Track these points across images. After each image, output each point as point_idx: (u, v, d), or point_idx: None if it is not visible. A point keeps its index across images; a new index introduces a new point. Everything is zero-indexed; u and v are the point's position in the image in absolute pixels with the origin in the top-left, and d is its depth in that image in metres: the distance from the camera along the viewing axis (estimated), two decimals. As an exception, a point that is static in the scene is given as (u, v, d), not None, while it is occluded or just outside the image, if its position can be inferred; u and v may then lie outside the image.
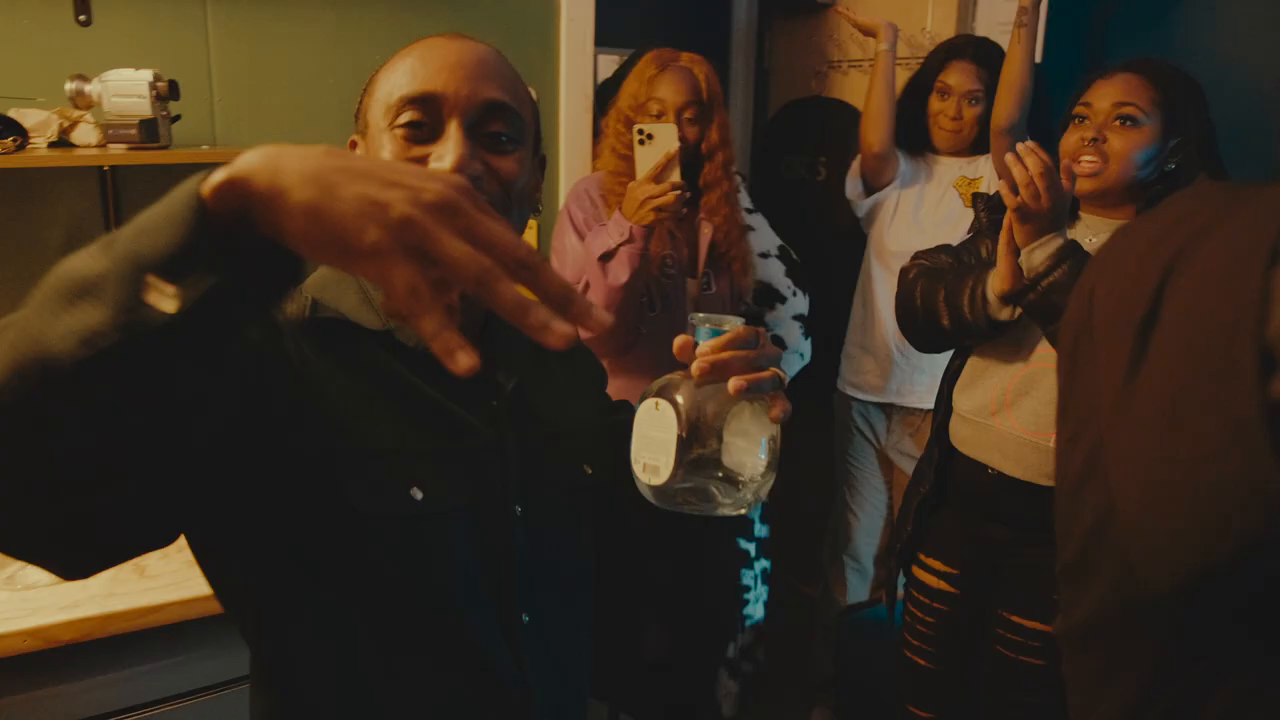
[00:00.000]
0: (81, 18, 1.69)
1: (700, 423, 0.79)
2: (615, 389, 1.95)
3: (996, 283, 1.54)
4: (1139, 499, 0.73)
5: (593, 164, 2.19)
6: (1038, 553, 1.61)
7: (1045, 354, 1.57)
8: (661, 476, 0.79)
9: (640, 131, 1.71)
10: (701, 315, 0.84)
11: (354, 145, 0.93)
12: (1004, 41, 2.40)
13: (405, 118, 0.84)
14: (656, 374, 2.10)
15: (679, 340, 0.82)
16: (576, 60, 2.13)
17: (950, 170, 2.37)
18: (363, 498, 0.82)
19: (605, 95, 2.23)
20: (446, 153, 0.83)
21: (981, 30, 2.56)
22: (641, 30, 3.14)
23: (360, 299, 0.89)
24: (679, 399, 0.80)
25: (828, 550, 2.68)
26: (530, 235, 2.18)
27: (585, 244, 1.80)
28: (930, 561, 1.77)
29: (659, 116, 1.84)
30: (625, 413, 1.13)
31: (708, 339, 0.81)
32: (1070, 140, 1.59)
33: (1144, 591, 0.74)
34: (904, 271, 1.77)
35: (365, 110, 0.91)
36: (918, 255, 1.79)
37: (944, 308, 1.63)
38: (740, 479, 0.79)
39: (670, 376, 0.83)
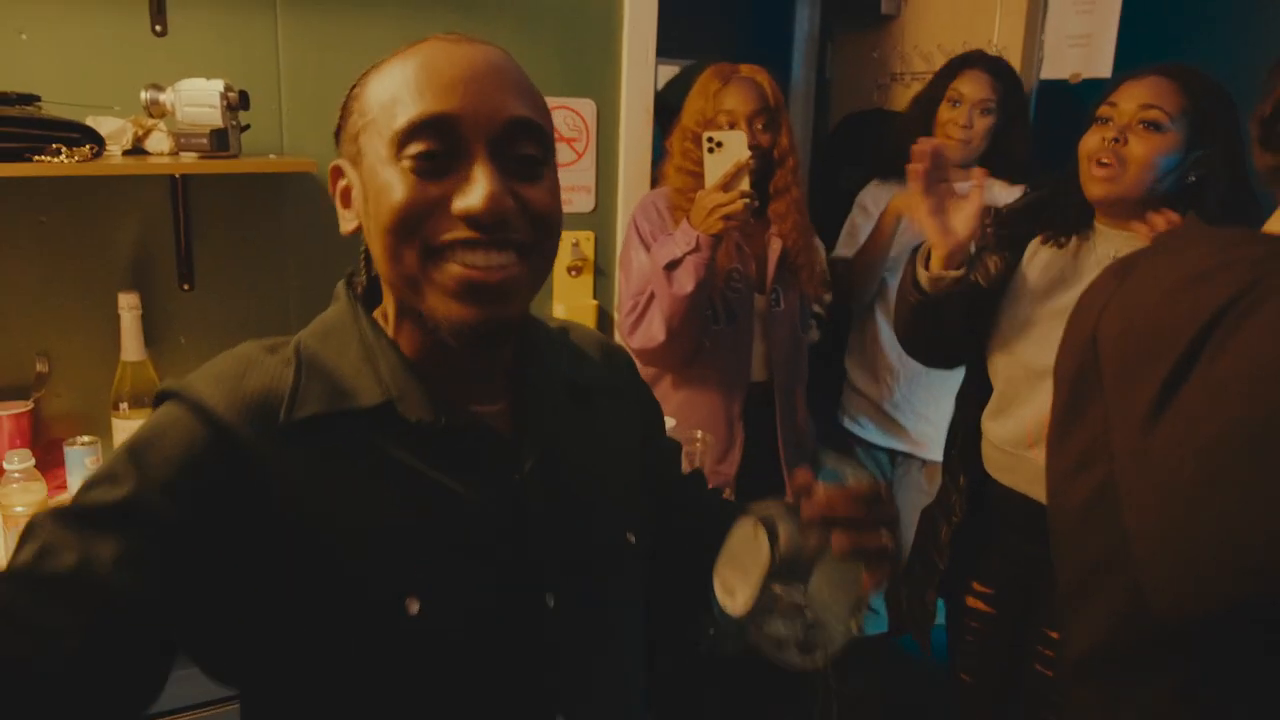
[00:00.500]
0: (157, 28, 1.73)
1: (792, 566, 0.74)
2: (677, 402, 1.97)
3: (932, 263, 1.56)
4: (1162, 540, 0.74)
5: (652, 179, 2.19)
6: None
7: None
8: (737, 606, 0.74)
9: (710, 139, 1.70)
10: (833, 457, 0.81)
11: (338, 174, 0.81)
12: (1079, 55, 2.38)
13: (416, 148, 0.72)
14: (720, 389, 2.09)
15: (802, 476, 0.77)
16: (638, 70, 2.13)
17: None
18: (347, 616, 0.72)
19: (659, 106, 2.23)
20: (474, 191, 0.71)
21: (1051, 44, 2.51)
22: (702, 40, 3.15)
23: (362, 356, 0.78)
24: (779, 533, 0.75)
25: None
26: (587, 245, 2.19)
27: (651, 254, 1.80)
28: (975, 585, 1.73)
29: (730, 127, 1.82)
30: (668, 442, 1.07)
31: (830, 480, 0.77)
32: (1090, 141, 1.53)
33: (1162, 623, 0.75)
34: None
35: (354, 132, 0.77)
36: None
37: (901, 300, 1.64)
38: (816, 635, 0.75)
39: (778, 505, 0.78)
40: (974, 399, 1.72)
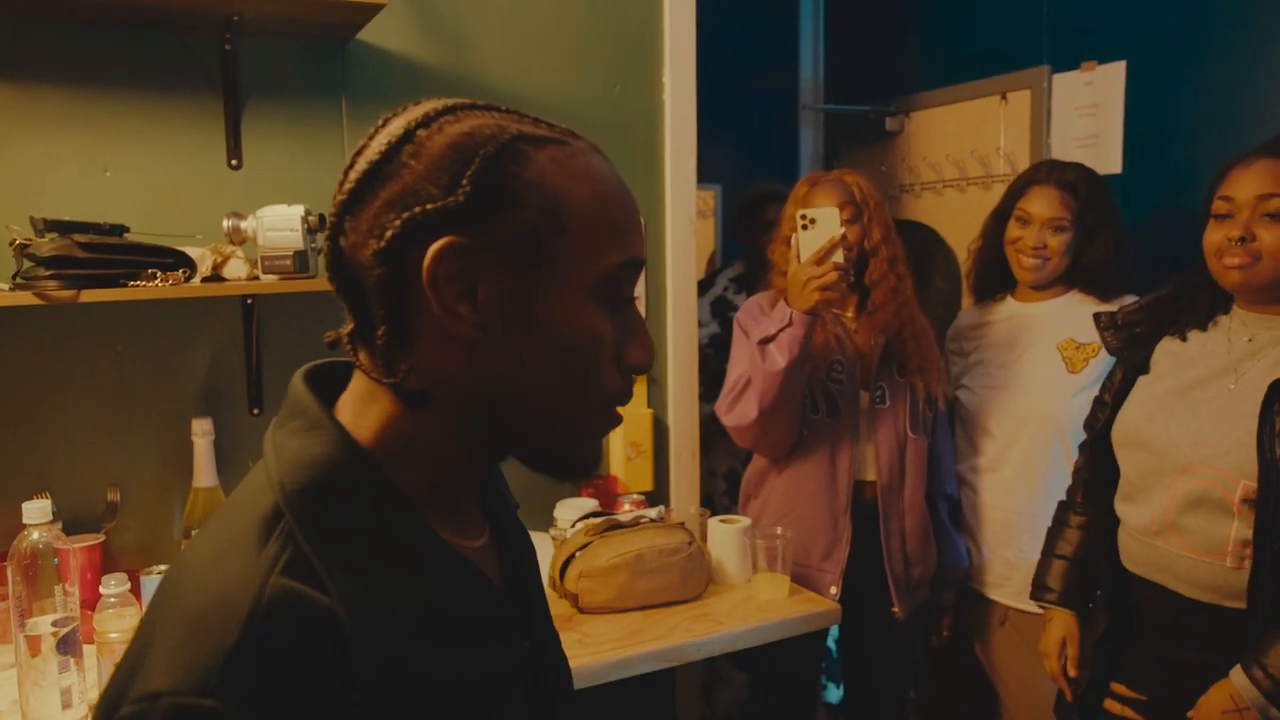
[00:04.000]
0: (233, 162, 1.80)
1: None
2: (774, 492, 1.98)
3: None
4: None
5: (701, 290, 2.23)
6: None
7: (1207, 471, 1.49)
8: None
9: (804, 216, 1.74)
10: None
11: (458, 257, 0.63)
12: (1087, 155, 2.46)
13: (622, 290, 0.67)
14: (822, 483, 2.13)
15: None
16: (680, 189, 2.22)
17: (1044, 319, 2.10)
18: None
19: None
20: (645, 342, 0.70)
21: (1057, 146, 2.65)
22: (727, 165, 3.29)
23: (384, 549, 0.64)
24: None
25: None
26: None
27: (749, 336, 1.82)
28: (1119, 689, 1.66)
29: None
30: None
31: None
32: (1215, 237, 1.53)
33: None
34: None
35: (533, 233, 0.64)
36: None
37: None
38: None
39: None
40: (1099, 486, 1.72)
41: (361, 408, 0.68)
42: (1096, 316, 1.78)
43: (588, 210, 0.65)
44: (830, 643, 2.31)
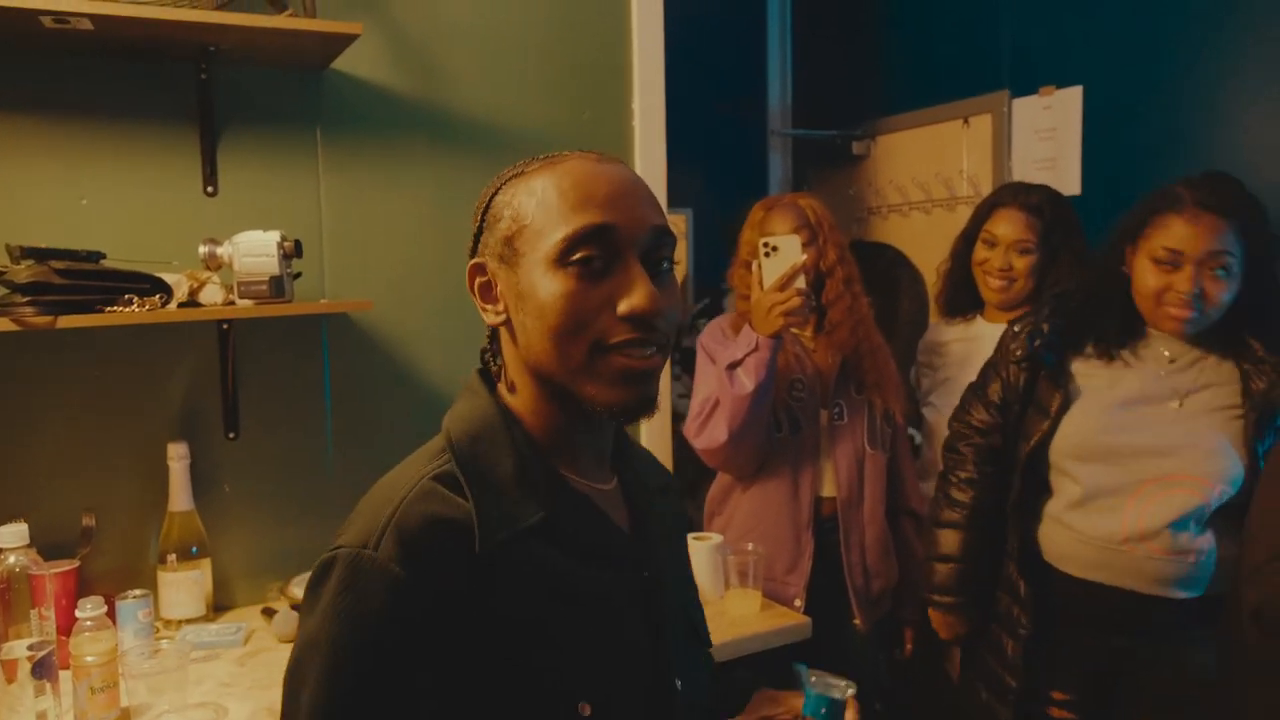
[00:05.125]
0: (209, 189, 1.82)
1: None
2: (738, 509, 2.02)
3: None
4: None
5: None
6: (1162, 661, 1.60)
7: (1186, 480, 1.59)
8: None
9: (766, 244, 1.80)
10: (815, 678, 0.99)
11: (478, 271, 0.88)
12: (1047, 178, 2.52)
13: (579, 255, 0.80)
14: (786, 499, 2.16)
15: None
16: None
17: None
18: None
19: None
20: (637, 293, 0.81)
21: (1018, 169, 2.72)
22: (695, 187, 3.34)
23: (517, 467, 0.85)
24: None
25: None
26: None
27: (716, 361, 1.86)
28: (1054, 694, 1.74)
29: None
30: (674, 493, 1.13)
31: (814, 707, 0.99)
32: (1156, 284, 1.61)
33: None
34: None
35: (504, 235, 0.85)
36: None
37: None
38: None
39: None
40: (1030, 509, 1.78)
41: (503, 390, 0.91)
42: (1010, 324, 1.85)
43: (546, 202, 0.82)
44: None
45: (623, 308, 0.81)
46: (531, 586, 0.81)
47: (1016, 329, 1.81)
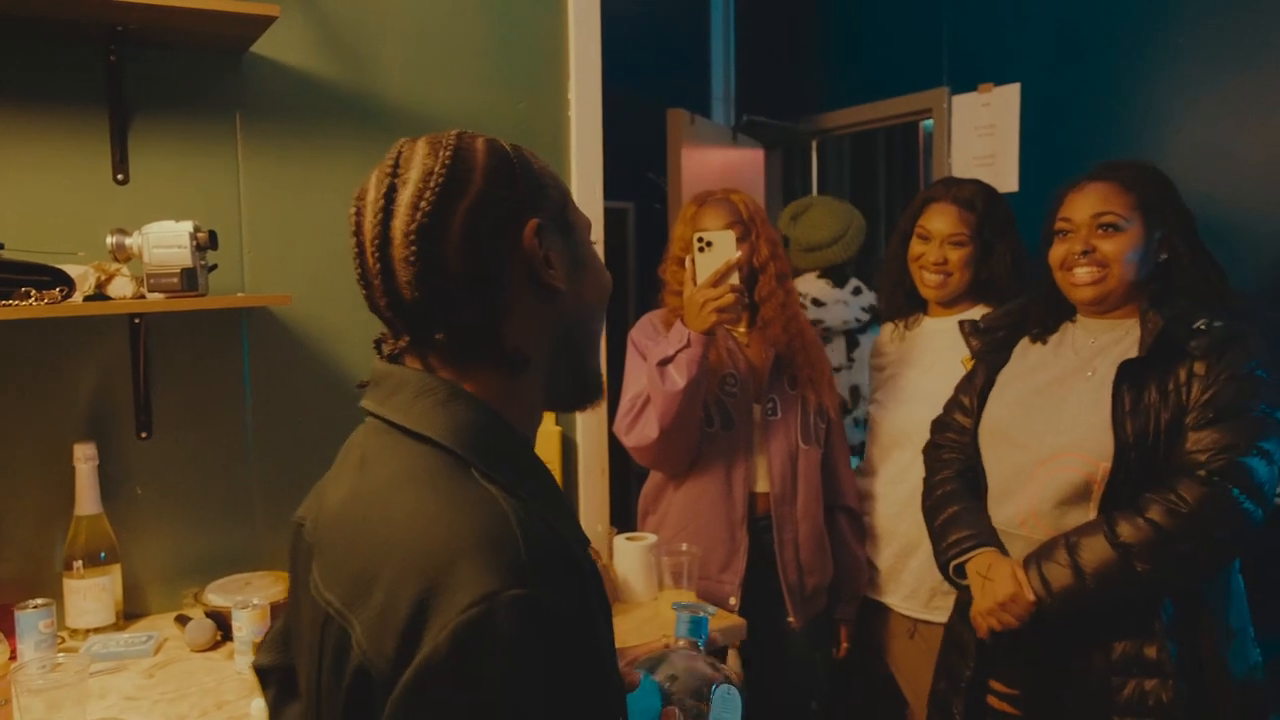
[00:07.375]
0: (119, 177, 1.74)
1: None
2: (679, 506, 1.98)
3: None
4: None
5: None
6: (1098, 653, 1.59)
7: (1069, 458, 1.61)
8: None
9: (700, 239, 1.77)
10: (683, 607, 1.03)
11: (543, 232, 0.84)
12: (986, 174, 2.54)
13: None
14: (719, 496, 2.12)
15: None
16: (586, 206, 2.21)
17: (947, 334, 2.08)
18: None
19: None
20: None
21: (959, 166, 2.72)
22: (637, 182, 3.30)
23: (548, 492, 0.83)
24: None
25: None
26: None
27: (647, 357, 1.83)
28: (997, 686, 1.72)
29: None
30: None
31: (685, 628, 1.03)
32: (1058, 253, 1.69)
33: None
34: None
35: (561, 205, 0.89)
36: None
37: None
38: None
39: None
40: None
41: (470, 388, 0.83)
42: (961, 324, 1.89)
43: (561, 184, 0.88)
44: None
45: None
46: (603, 598, 0.82)
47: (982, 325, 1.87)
